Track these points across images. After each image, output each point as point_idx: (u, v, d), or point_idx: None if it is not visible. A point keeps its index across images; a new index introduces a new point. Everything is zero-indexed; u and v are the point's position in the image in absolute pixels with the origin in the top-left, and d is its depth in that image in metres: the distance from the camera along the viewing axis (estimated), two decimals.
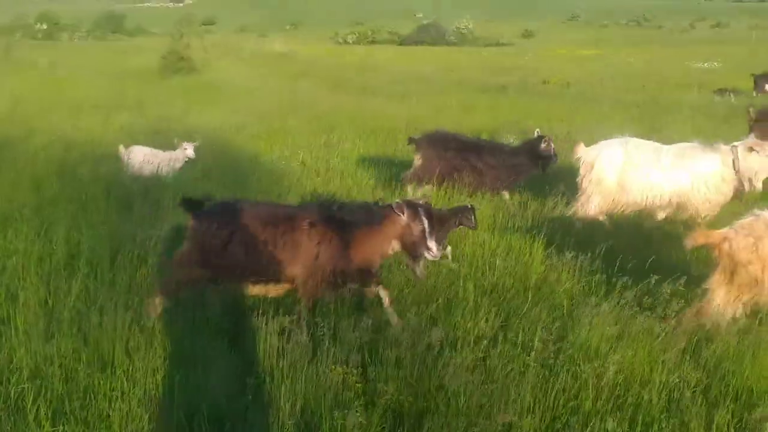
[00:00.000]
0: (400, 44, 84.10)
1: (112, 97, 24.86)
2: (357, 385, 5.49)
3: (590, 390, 5.55)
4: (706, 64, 49.87)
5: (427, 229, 6.88)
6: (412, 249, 7.04)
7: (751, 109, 15.72)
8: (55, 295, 6.88)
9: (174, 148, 11.78)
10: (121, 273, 7.51)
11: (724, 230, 6.81)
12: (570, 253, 8.40)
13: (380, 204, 7.27)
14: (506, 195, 12.05)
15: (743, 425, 5.23)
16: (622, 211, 10.65)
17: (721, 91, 31.09)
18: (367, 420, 5.07)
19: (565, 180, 11.41)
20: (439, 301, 7.12)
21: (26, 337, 6.04)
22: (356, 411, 5.06)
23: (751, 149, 9.78)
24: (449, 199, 11.04)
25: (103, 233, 8.63)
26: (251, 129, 18.18)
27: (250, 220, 6.76)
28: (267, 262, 6.68)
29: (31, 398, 5.11)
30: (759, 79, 31.98)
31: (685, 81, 37.15)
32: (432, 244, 6.92)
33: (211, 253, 6.71)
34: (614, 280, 7.51)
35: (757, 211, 6.83)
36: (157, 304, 6.77)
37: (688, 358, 6.09)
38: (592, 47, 72.70)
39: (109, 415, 5.13)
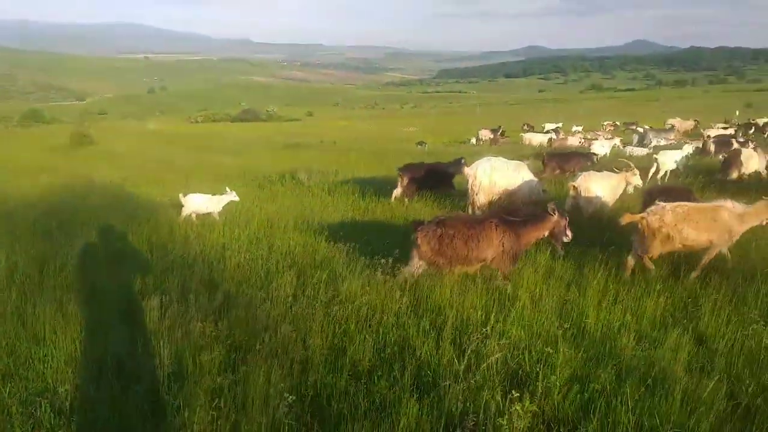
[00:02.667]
0: (232, 122, 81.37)
1: (37, 164, 22.34)
2: (212, 333, 5.28)
3: (352, 319, 5.65)
4: (410, 128, 52.27)
5: (567, 223, 7.09)
6: (558, 235, 7.14)
7: (545, 154, 17.15)
8: None
9: (221, 193, 10.88)
10: (47, 279, 6.78)
11: (641, 213, 7.41)
12: (342, 243, 8.54)
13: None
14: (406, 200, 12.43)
15: (436, 326, 5.52)
16: (493, 199, 11.23)
17: (421, 143, 32.87)
18: (218, 353, 4.90)
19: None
20: (261, 274, 6.98)
21: None
22: (210, 349, 4.88)
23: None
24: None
25: (32, 254, 7.74)
26: (133, 179, 16.96)
27: (459, 226, 6.77)
28: (473, 250, 6.68)
29: None
30: (479, 131, 36.38)
31: (399, 138, 38.96)
32: (569, 232, 7.12)
33: (440, 247, 6.67)
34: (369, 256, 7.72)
35: (658, 202, 7.51)
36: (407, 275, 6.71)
37: (406, 292, 6.30)
38: (348, 120, 74.18)
39: (44, 373, 4.66)
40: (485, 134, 36.57)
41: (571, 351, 4.98)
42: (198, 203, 10.63)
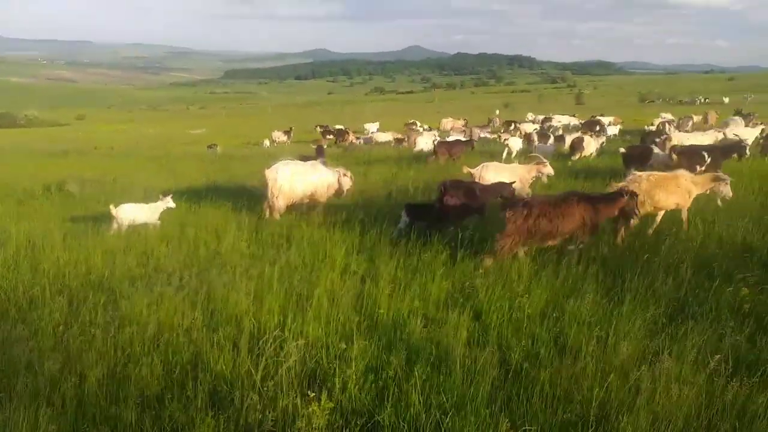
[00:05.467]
0: None
1: None
2: None
3: (137, 341, 5.17)
4: (198, 131, 50.15)
5: (636, 203, 8.01)
6: (628, 213, 8.09)
7: (436, 142, 19.03)
8: None
9: (156, 200, 10.36)
10: None
11: (623, 183, 8.65)
12: (122, 256, 7.80)
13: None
14: None
15: (232, 337, 5.31)
16: (294, 202, 11.28)
17: (211, 146, 31.59)
18: None
19: None
20: (23, 303, 6.05)
21: None
22: None
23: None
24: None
25: None
26: None
27: (546, 206, 7.51)
28: (558, 226, 7.47)
29: None
30: (272, 134, 37.20)
31: (186, 141, 37.11)
32: (638, 211, 8.12)
33: (527, 226, 7.34)
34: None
35: (633, 171, 9.01)
36: (489, 263, 7.23)
37: (198, 306, 5.96)
38: (126, 123, 68.54)
39: None
40: (278, 136, 36.64)
41: (365, 342, 5.15)
42: (132, 214, 9.99)
